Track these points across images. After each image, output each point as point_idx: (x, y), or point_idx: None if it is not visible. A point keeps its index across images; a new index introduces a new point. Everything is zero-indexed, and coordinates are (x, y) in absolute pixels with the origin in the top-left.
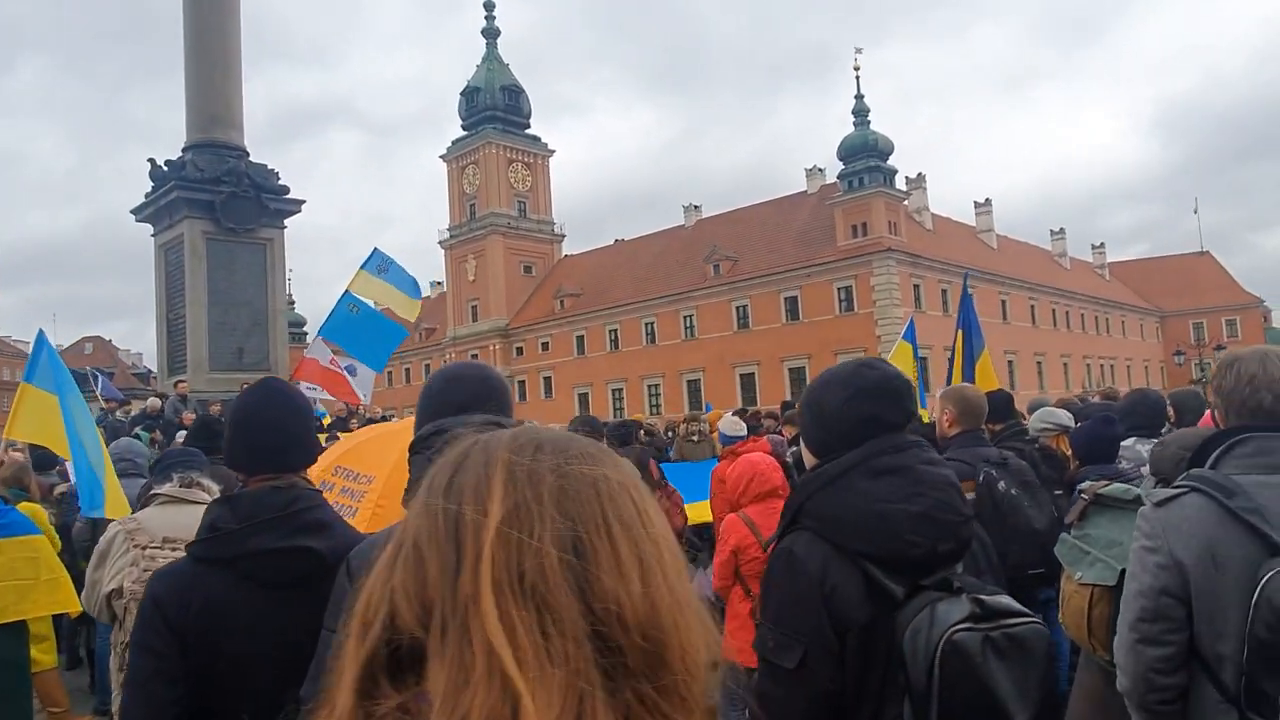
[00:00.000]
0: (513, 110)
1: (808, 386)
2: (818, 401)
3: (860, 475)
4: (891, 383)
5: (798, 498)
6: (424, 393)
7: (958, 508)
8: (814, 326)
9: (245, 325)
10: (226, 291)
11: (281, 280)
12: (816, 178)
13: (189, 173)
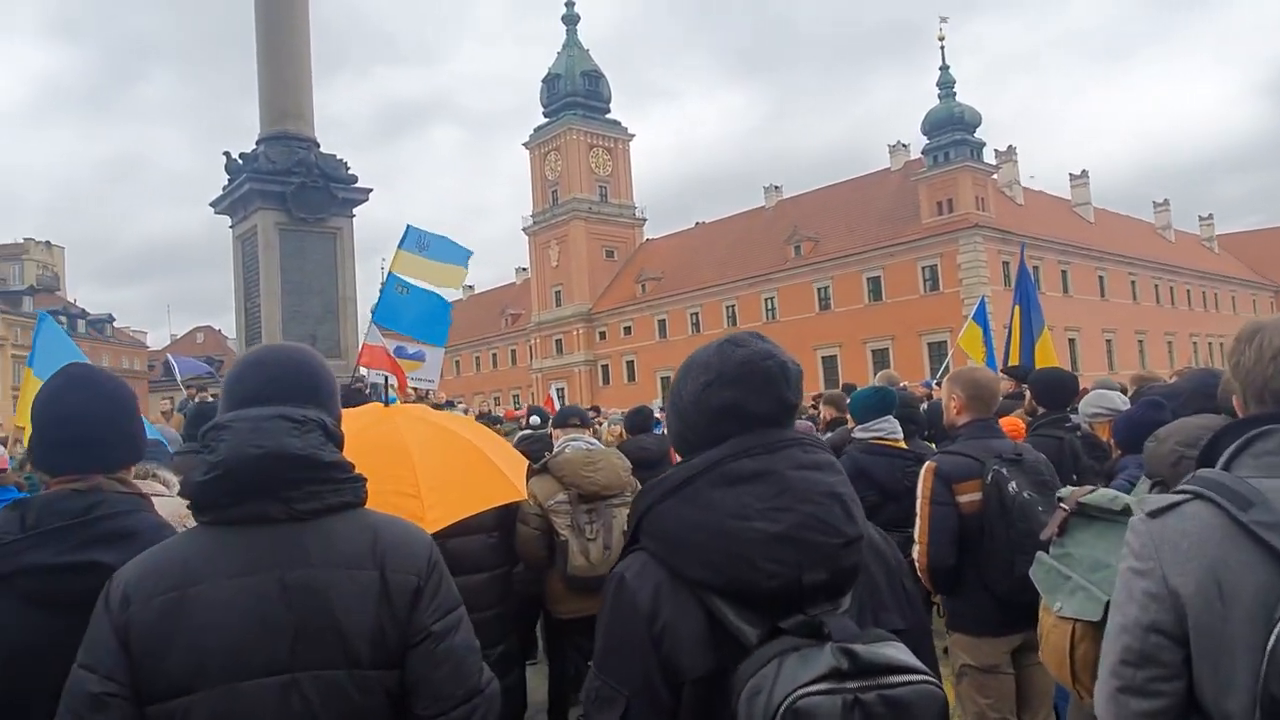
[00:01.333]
0: (593, 96)
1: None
2: (675, 388)
3: (710, 482)
4: (759, 364)
5: (636, 509)
6: (224, 379)
7: (837, 526)
8: (897, 307)
9: (317, 313)
10: (298, 280)
11: (351, 269)
12: (900, 154)
13: (261, 165)
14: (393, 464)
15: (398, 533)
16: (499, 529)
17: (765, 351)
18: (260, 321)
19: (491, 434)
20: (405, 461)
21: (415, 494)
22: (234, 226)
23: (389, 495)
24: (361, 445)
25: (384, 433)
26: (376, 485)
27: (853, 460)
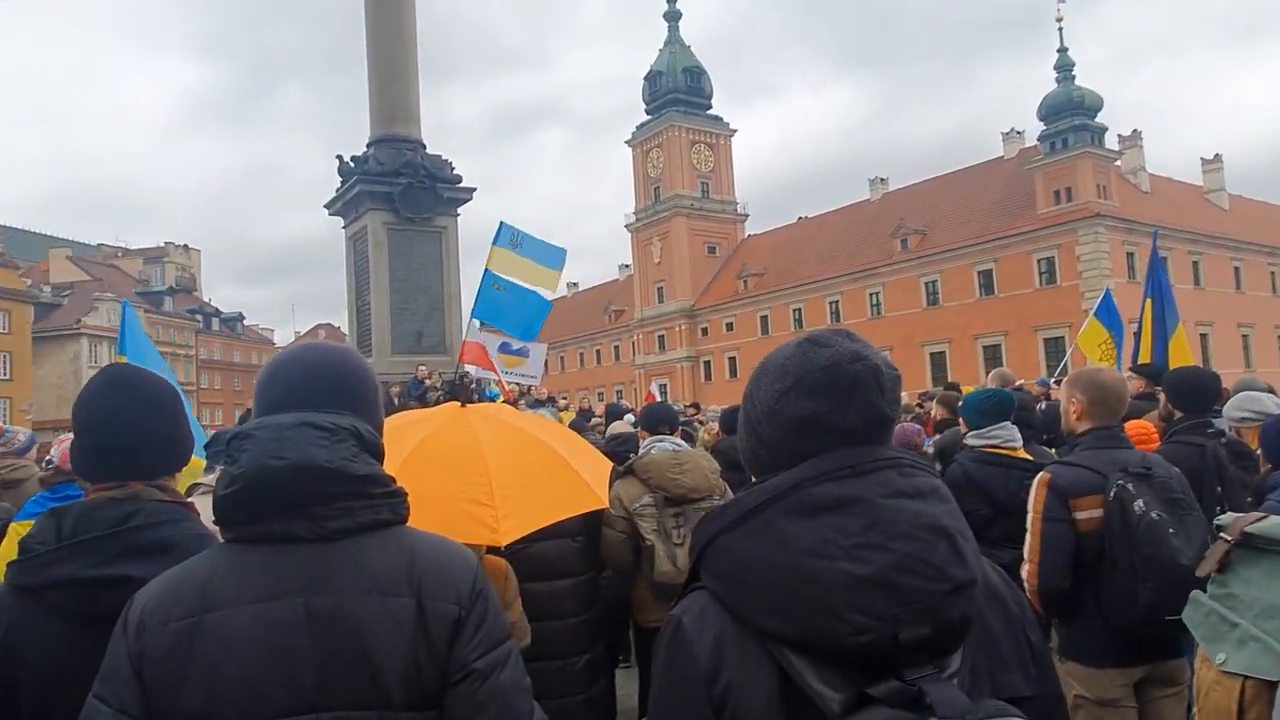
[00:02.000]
0: (694, 92)
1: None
2: (748, 396)
3: (784, 511)
4: (846, 367)
5: (697, 539)
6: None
7: (943, 568)
8: (1011, 301)
9: (423, 310)
10: (405, 278)
11: (456, 266)
12: (1014, 141)
13: (370, 167)
14: (465, 469)
15: (438, 555)
16: (584, 533)
17: (853, 353)
18: (370, 318)
19: (574, 436)
20: (478, 466)
21: (488, 502)
22: (346, 227)
23: (460, 502)
24: (433, 447)
25: (457, 434)
26: (446, 491)
27: (963, 469)
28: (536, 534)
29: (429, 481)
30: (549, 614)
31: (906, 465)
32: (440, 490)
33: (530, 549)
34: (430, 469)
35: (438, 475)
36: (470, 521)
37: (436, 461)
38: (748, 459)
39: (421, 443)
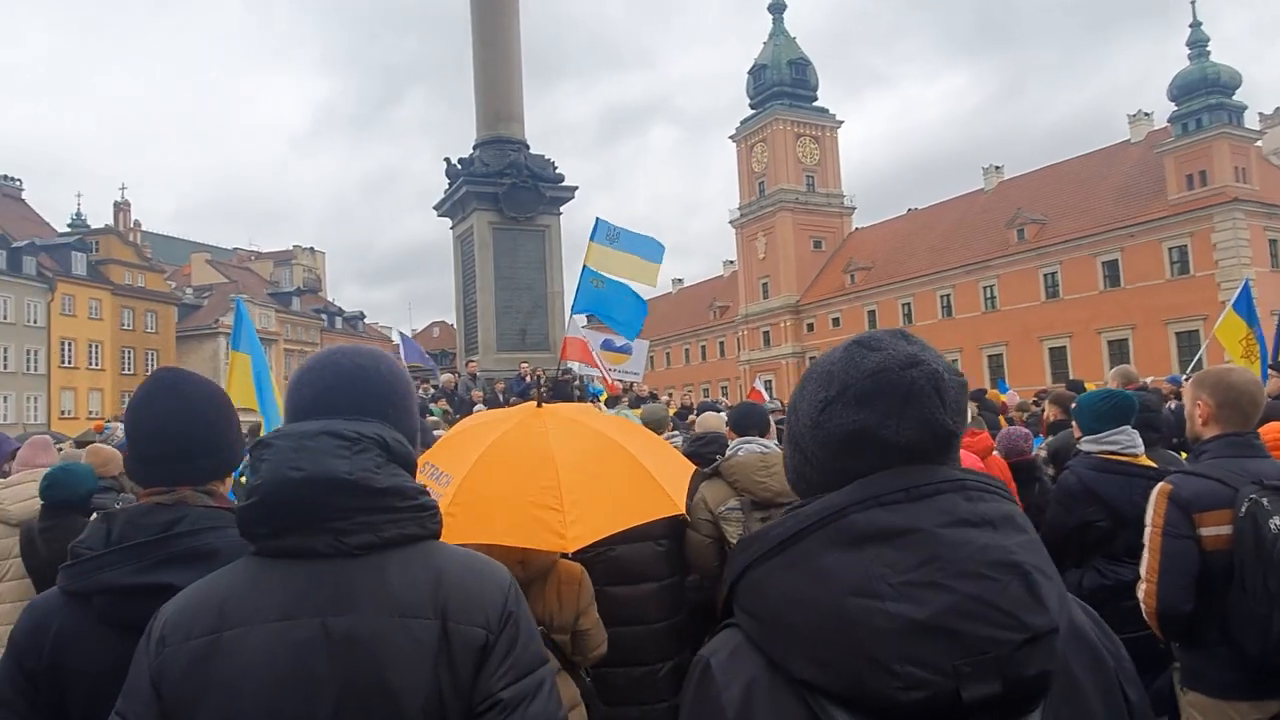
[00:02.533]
0: (800, 84)
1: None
2: (791, 407)
3: (825, 540)
4: (900, 374)
5: (730, 570)
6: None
7: (1015, 613)
8: (1138, 293)
9: (527, 308)
10: (510, 277)
11: (559, 265)
12: (1142, 124)
13: (476, 168)
14: (535, 472)
15: (467, 574)
16: (669, 536)
17: (908, 356)
18: (476, 316)
19: (655, 439)
20: (548, 470)
21: (557, 506)
22: (454, 227)
23: (528, 506)
24: (505, 449)
25: (529, 436)
26: (516, 494)
27: (1078, 476)
28: (619, 537)
29: (498, 484)
30: (632, 619)
31: (974, 488)
32: (509, 493)
33: (613, 552)
34: (500, 471)
35: (508, 478)
36: (537, 526)
37: (507, 463)
38: (794, 479)
39: (494, 444)
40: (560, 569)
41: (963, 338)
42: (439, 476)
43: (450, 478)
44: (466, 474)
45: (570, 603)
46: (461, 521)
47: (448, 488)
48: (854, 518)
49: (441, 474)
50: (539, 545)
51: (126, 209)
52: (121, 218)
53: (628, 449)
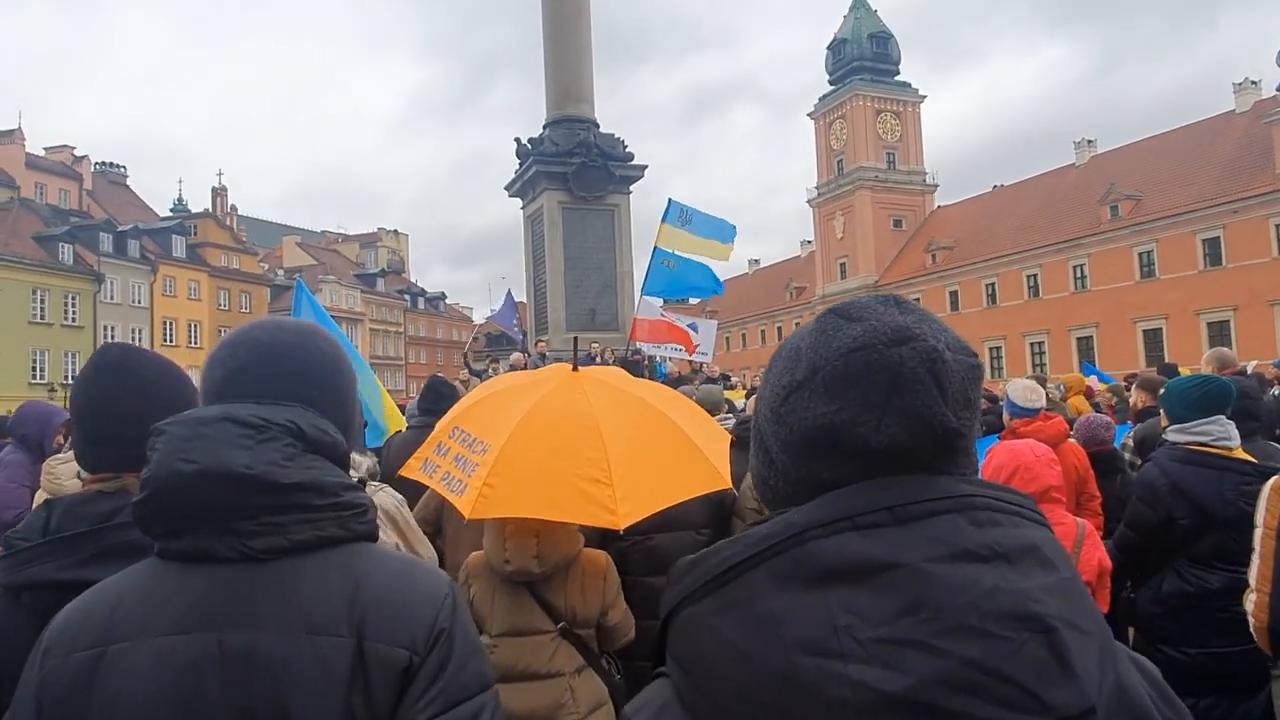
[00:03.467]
0: (881, 59)
1: None
2: (758, 395)
3: (775, 576)
4: (882, 354)
5: (664, 600)
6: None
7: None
8: (1242, 273)
9: (596, 287)
10: (579, 256)
11: (628, 244)
12: (1248, 93)
13: (546, 148)
14: (580, 442)
15: (394, 583)
16: (710, 525)
17: (898, 330)
18: (546, 296)
19: (691, 406)
20: (594, 439)
21: (606, 480)
22: (524, 207)
23: (574, 480)
24: (544, 416)
25: (570, 402)
26: (560, 466)
27: (1161, 469)
28: (657, 524)
29: (540, 454)
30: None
31: (985, 506)
32: (553, 465)
33: (651, 541)
34: (542, 440)
35: (550, 448)
36: (585, 501)
37: (550, 431)
38: (759, 488)
39: (533, 409)
40: (584, 560)
41: (1050, 319)
42: (473, 443)
43: (487, 445)
44: (506, 441)
45: (595, 596)
46: (502, 494)
47: (485, 456)
48: (816, 545)
49: (475, 440)
50: (588, 521)
51: (224, 194)
52: (219, 202)
53: (670, 417)
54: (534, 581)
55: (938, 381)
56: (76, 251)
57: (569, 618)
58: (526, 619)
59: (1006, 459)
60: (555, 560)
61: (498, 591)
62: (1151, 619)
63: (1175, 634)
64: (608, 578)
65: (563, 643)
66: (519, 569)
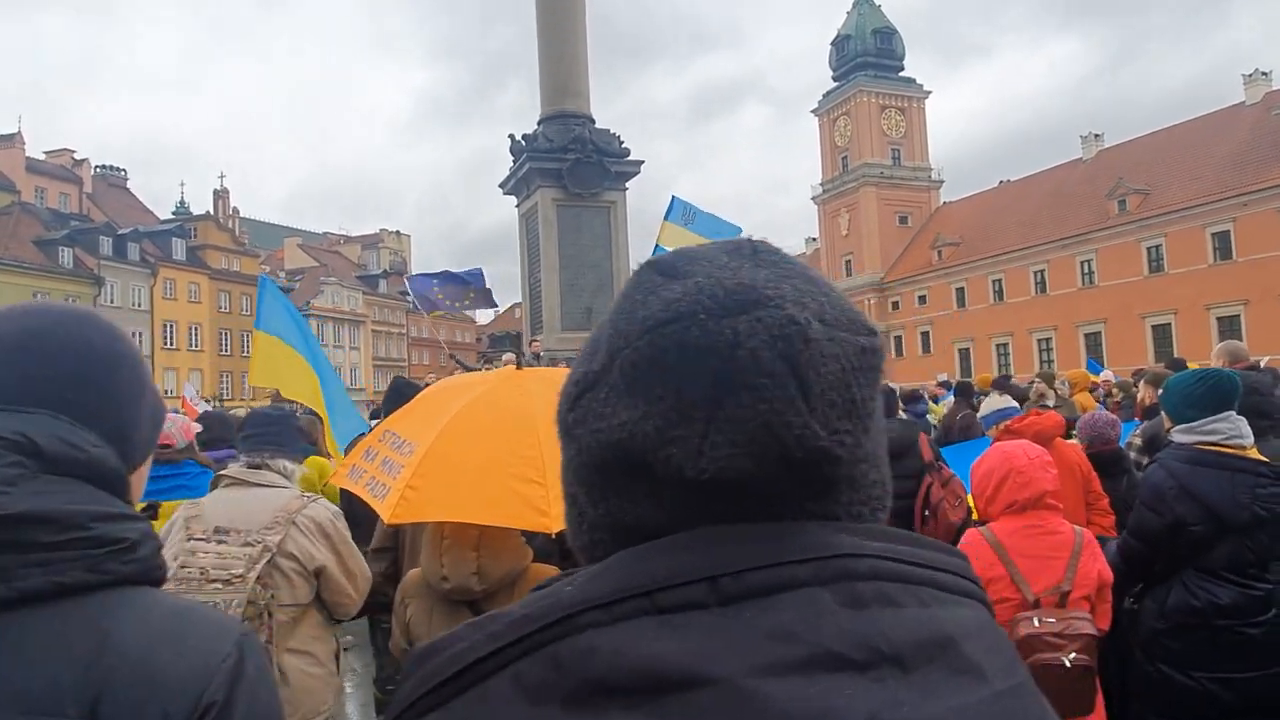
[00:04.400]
0: (885, 54)
1: None
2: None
3: (528, 684)
4: (708, 330)
5: (392, 706)
6: None
7: None
8: (1253, 266)
9: (592, 286)
10: (574, 255)
11: (625, 242)
12: (1258, 84)
13: (539, 144)
14: (514, 439)
15: (154, 642)
16: None
17: (736, 291)
18: (540, 295)
19: None
20: (529, 436)
21: (539, 479)
22: (519, 205)
23: (506, 479)
24: (479, 413)
25: (507, 398)
26: (491, 465)
27: (1169, 472)
28: None
29: (471, 452)
30: None
31: (871, 574)
32: (483, 463)
33: None
34: (473, 439)
35: (481, 447)
36: (517, 503)
37: (481, 429)
38: (569, 534)
39: (466, 407)
40: (532, 576)
41: (1057, 315)
42: (401, 445)
43: (414, 446)
44: (433, 441)
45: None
46: (425, 496)
47: (410, 457)
48: (592, 638)
49: (404, 442)
50: (518, 524)
51: (225, 196)
52: (221, 205)
53: None
54: (476, 600)
55: (796, 372)
56: (76, 255)
57: None
58: None
59: (998, 462)
60: (498, 576)
61: (435, 612)
62: (1154, 635)
63: (1179, 654)
64: None
65: None
66: (457, 586)
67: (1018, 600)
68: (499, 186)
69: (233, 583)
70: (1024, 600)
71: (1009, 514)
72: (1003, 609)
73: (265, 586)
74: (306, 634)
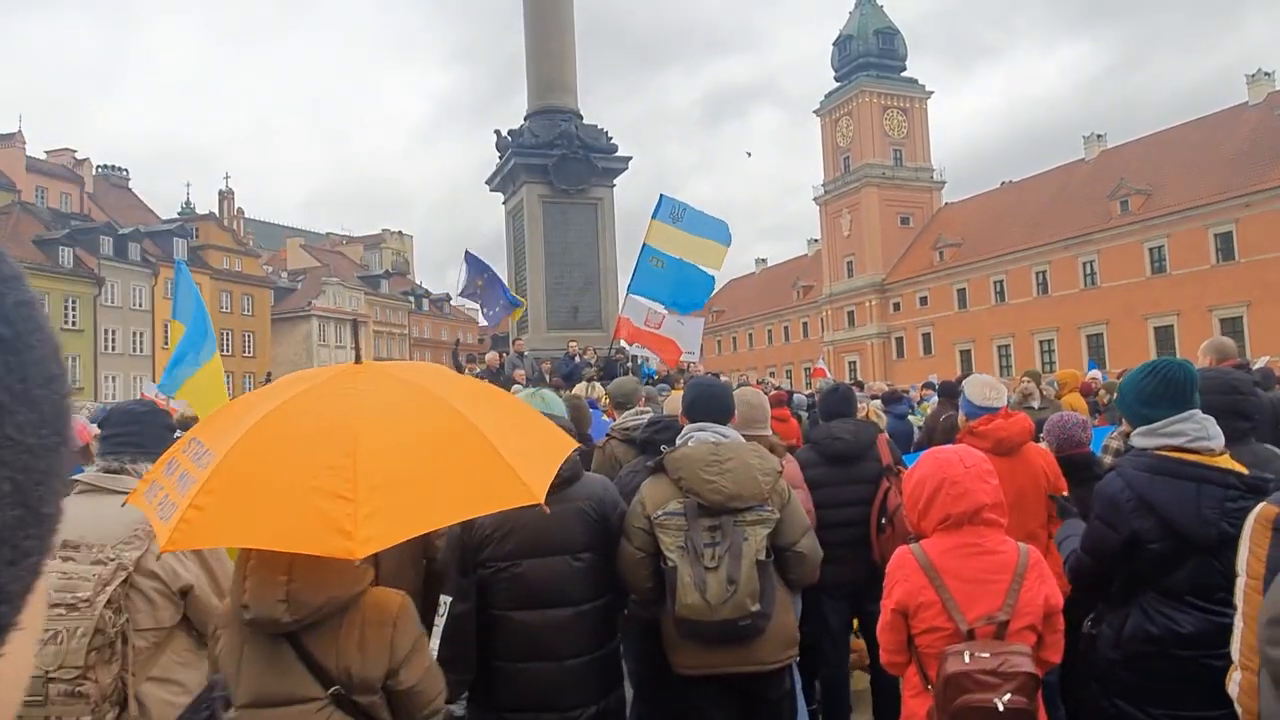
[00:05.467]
0: (887, 54)
1: None
2: None
3: None
4: None
5: None
6: None
7: None
8: (1255, 267)
9: (579, 284)
10: (561, 252)
11: (612, 239)
12: (1261, 84)
13: (525, 139)
14: (327, 446)
15: None
16: (593, 549)
17: None
18: (526, 293)
19: (519, 406)
20: (345, 444)
21: (348, 494)
22: (505, 202)
23: (309, 494)
24: (289, 415)
25: (329, 398)
26: (292, 477)
27: (1126, 481)
28: (526, 548)
29: (270, 465)
30: (539, 653)
31: None
32: (284, 478)
33: (518, 568)
34: (276, 448)
35: (284, 457)
36: (319, 524)
37: (286, 435)
38: None
39: (273, 412)
40: (368, 604)
41: (1060, 317)
42: (201, 456)
43: (212, 455)
44: (228, 451)
45: (379, 651)
46: (210, 518)
47: (204, 470)
48: None
49: (205, 452)
50: (314, 548)
51: (230, 197)
52: (225, 205)
53: (467, 417)
54: (296, 633)
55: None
56: (77, 255)
57: (343, 681)
58: (284, 683)
59: (930, 471)
60: (316, 604)
61: (248, 647)
62: (1110, 666)
63: (1137, 688)
64: (398, 626)
65: (336, 714)
66: (260, 617)
67: (949, 630)
68: (485, 183)
69: (77, 608)
70: (956, 630)
71: (943, 530)
72: (932, 640)
73: (118, 611)
74: (172, 660)
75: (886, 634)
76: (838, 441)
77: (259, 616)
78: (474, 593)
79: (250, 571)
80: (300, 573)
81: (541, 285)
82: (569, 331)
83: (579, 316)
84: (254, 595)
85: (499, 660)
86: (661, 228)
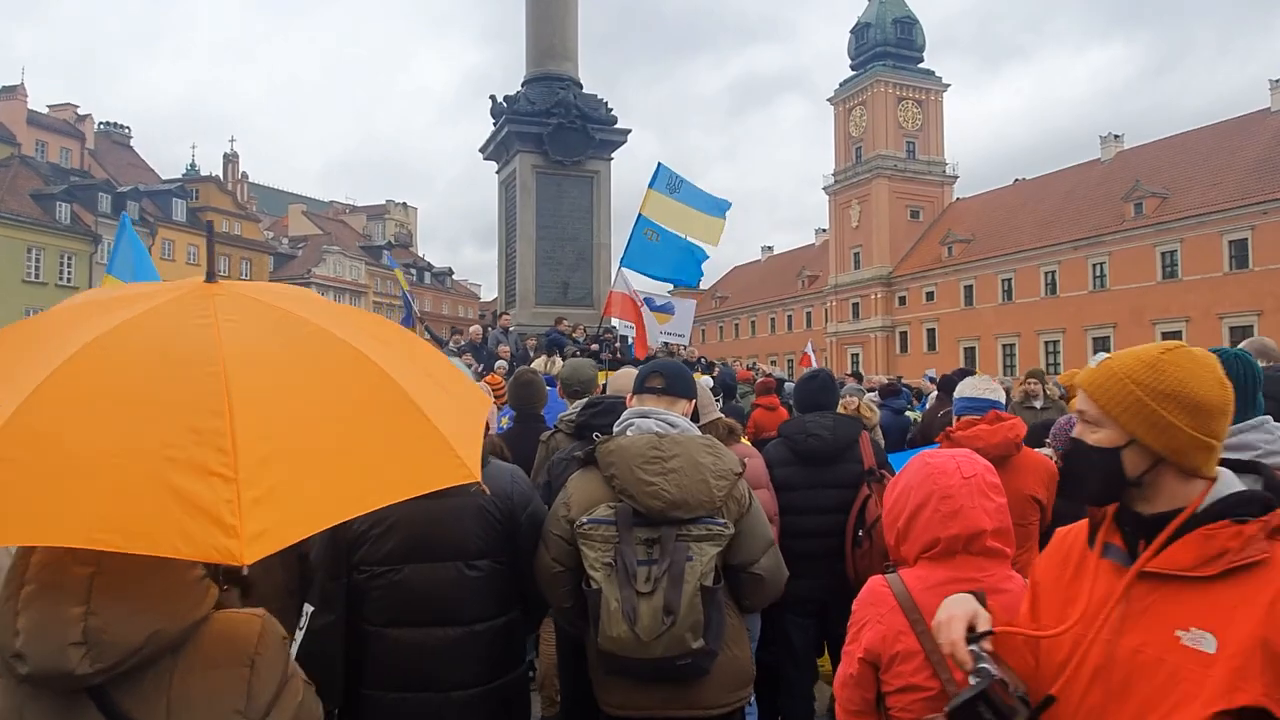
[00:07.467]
0: (904, 44)
1: None
2: None
3: None
4: None
5: None
6: None
7: None
8: (1269, 276)
9: (570, 260)
10: (554, 225)
11: (607, 214)
12: None
13: (521, 106)
14: (181, 395)
15: None
16: (493, 553)
17: None
18: (516, 268)
19: (422, 347)
20: (211, 393)
21: (224, 470)
22: (499, 171)
23: (161, 465)
24: (121, 347)
25: (181, 326)
26: (133, 441)
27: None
28: (408, 550)
29: (98, 419)
30: (419, 681)
31: None
32: (120, 439)
33: (398, 575)
34: (103, 396)
35: (119, 409)
36: (177, 510)
37: (119, 381)
38: None
39: (103, 337)
40: (211, 637)
41: (1066, 318)
42: None
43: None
44: (31, 394)
45: (231, 698)
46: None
47: None
48: None
49: None
50: (168, 549)
51: (235, 160)
52: (230, 169)
53: (376, 362)
54: (103, 686)
55: None
56: (74, 211)
57: None
58: None
59: (918, 480)
60: (133, 644)
61: (28, 711)
62: None
63: None
64: (257, 665)
65: None
66: (42, 668)
67: (932, 692)
68: (479, 151)
69: None
70: (942, 693)
71: (930, 559)
72: (908, 703)
73: None
74: None
75: (849, 689)
76: (812, 438)
77: (42, 668)
78: (343, 602)
79: (25, 602)
80: (105, 598)
81: (532, 259)
82: (559, 308)
83: (569, 293)
84: (32, 638)
85: (369, 688)
86: (658, 198)
